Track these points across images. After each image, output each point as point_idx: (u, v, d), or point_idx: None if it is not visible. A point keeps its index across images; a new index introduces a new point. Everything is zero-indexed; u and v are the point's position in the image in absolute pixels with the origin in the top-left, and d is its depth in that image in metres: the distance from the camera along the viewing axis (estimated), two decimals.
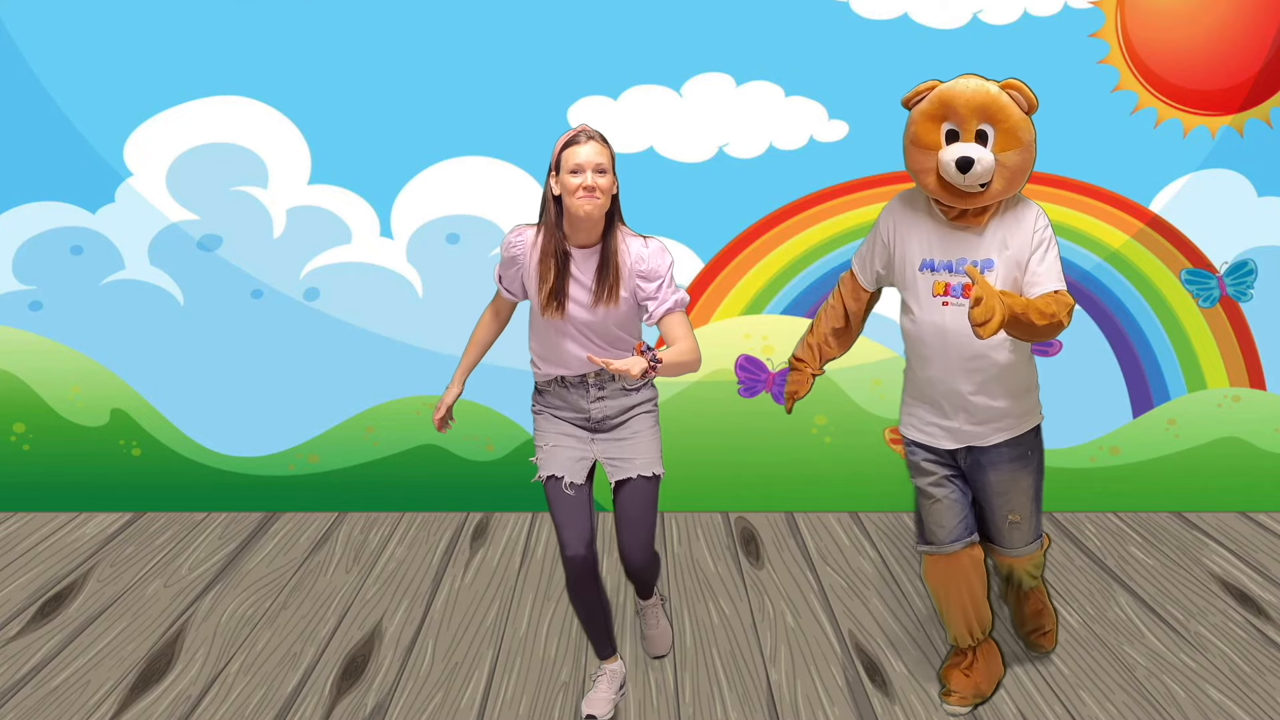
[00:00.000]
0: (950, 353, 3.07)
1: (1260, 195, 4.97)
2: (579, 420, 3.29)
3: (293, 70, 4.85)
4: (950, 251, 3.05)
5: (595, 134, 3.10)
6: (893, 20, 4.84)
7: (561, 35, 4.80)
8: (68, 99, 4.86)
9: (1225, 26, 4.84)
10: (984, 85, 2.94)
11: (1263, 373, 5.06)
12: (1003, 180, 2.96)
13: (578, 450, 3.28)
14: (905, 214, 3.16)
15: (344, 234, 4.97)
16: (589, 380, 3.25)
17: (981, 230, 3.05)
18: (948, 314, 3.04)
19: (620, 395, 3.28)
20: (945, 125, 2.97)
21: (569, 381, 3.27)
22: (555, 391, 3.29)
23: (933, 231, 3.09)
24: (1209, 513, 5.10)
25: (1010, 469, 3.21)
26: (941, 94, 2.97)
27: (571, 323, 3.19)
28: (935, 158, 2.98)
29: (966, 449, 3.21)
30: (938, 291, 3.04)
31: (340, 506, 5.13)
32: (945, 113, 2.97)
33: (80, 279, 4.98)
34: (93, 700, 3.40)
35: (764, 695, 3.45)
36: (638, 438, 3.29)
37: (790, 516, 5.09)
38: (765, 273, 5.02)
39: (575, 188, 3.04)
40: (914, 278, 3.08)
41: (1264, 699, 3.42)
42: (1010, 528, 3.28)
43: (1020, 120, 2.94)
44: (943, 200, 3.03)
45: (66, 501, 5.10)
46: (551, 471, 3.23)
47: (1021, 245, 3.03)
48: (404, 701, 3.41)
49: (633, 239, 3.18)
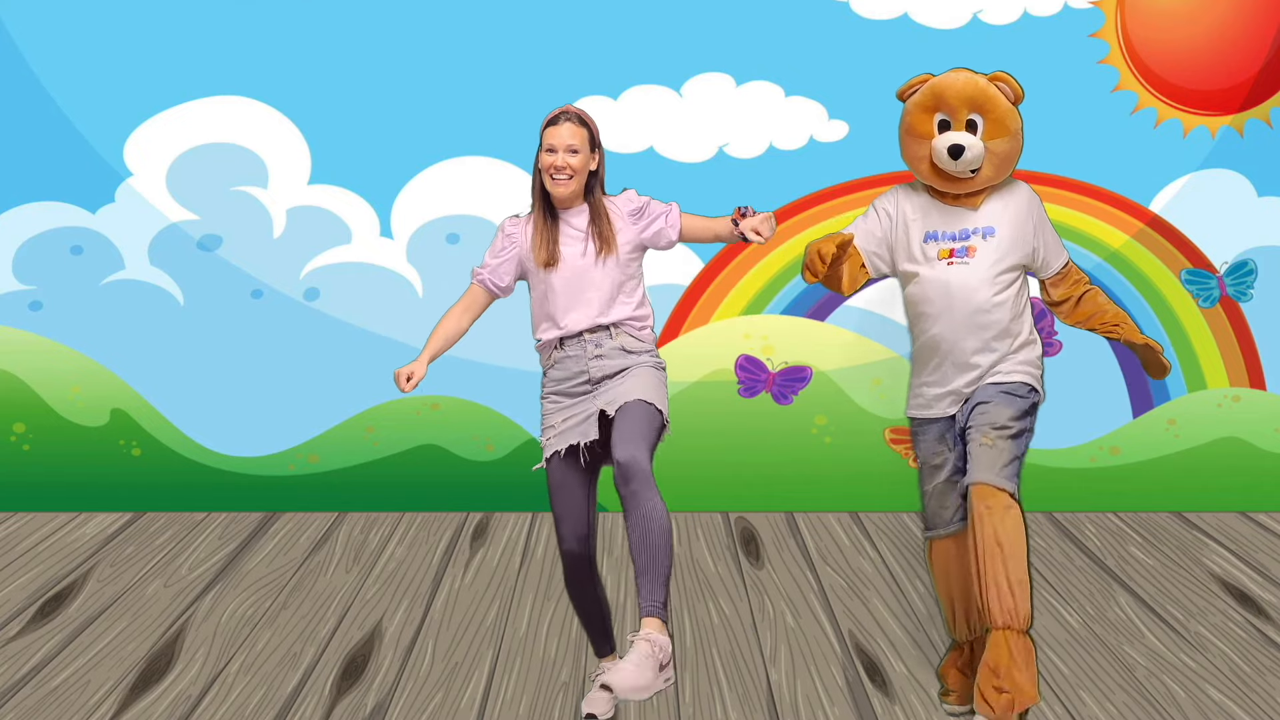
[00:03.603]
0: (955, 309, 3.17)
1: (1260, 195, 4.97)
2: (580, 386, 3.26)
3: (293, 70, 4.84)
4: (952, 224, 3.23)
5: (576, 114, 3.23)
6: (893, 20, 4.84)
7: (561, 35, 4.80)
8: (68, 99, 4.86)
9: (1225, 26, 4.84)
10: (973, 77, 3.16)
11: (1263, 373, 5.06)
12: (992, 166, 3.16)
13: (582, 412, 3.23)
14: (906, 195, 3.32)
15: (344, 234, 4.97)
16: (585, 338, 3.25)
17: (977, 208, 3.24)
18: (952, 272, 3.18)
19: (618, 355, 3.27)
20: (938, 115, 3.17)
21: (568, 343, 3.25)
22: (558, 362, 3.27)
23: (934, 210, 3.26)
24: (1209, 513, 5.10)
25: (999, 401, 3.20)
26: (933, 85, 3.18)
27: (571, 274, 3.23)
28: (929, 146, 3.16)
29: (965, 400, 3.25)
30: (943, 255, 3.20)
31: (340, 506, 5.13)
32: (937, 103, 3.16)
33: (80, 279, 4.97)
34: (93, 700, 3.40)
35: (764, 695, 3.45)
36: (636, 377, 3.25)
37: (790, 516, 5.09)
38: (765, 273, 5.02)
39: (547, 165, 3.20)
40: (919, 249, 3.23)
41: (1264, 699, 3.41)
42: (981, 449, 3.21)
43: (1007, 110, 3.15)
44: (936, 185, 3.21)
45: (66, 501, 5.09)
46: (556, 449, 3.20)
47: (1019, 210, 3.24)
48: (404, 701, 3.41)
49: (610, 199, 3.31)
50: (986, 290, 3.17)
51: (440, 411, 5.07)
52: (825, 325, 5.05)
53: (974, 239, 3.20)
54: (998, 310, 3.19)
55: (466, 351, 5.00)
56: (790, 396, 5.06)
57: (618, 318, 3.29)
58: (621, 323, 3.29)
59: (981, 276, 3.18)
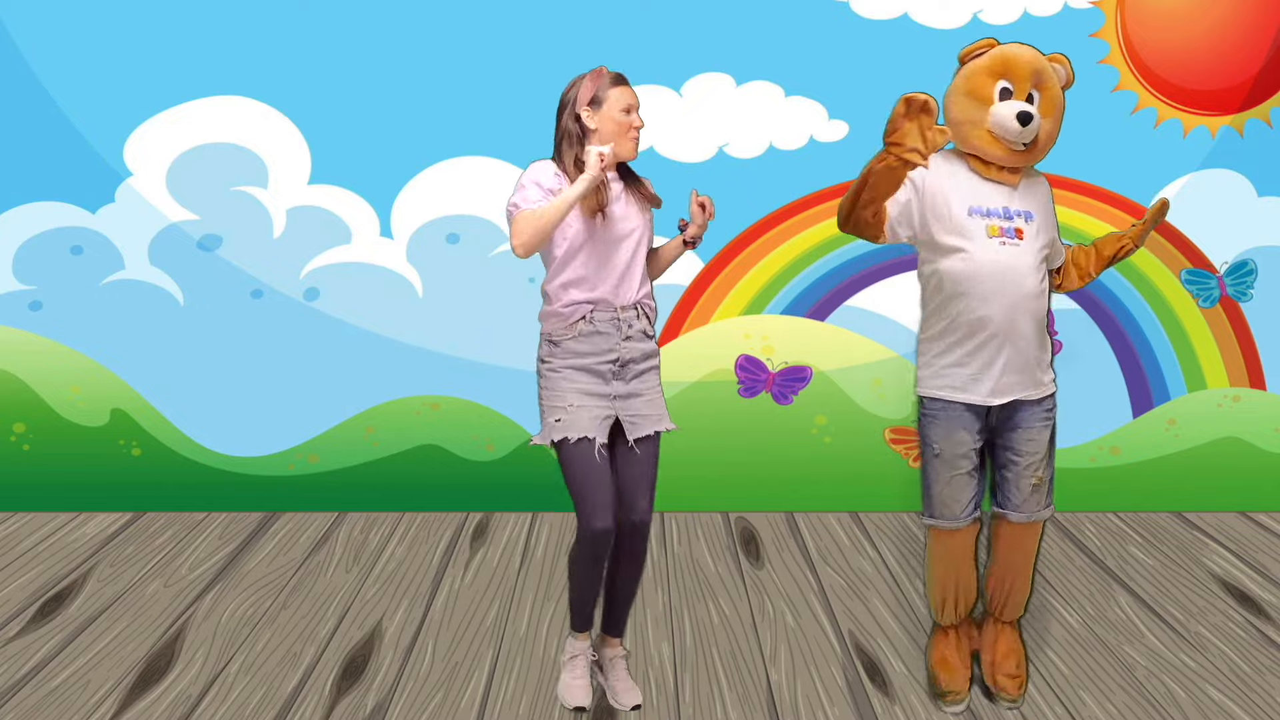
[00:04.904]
0: (1008, 291, 3.10)
1: (1260, 195, 4.97)
2: (602, 365, 3.10)
3: (293, 70, 4.85)
4: (994, 200, 3.15)
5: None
6: (893, 20, 4.85)
7: (562, 35, 4.80)
8: (68, 99, 4.86)
9: (1225, 26, 4.84)
10: (1038, 52, 3.14)
11: (1263, 373, 5.06)
12: (1038, 144, 3.14)
13: (600, 409, 3.10)
14: (941, 165, 3.19)
15: (344, 234, 4.97)
16: (620, 315, 3.11)
17: (1016, 186, 3.18)
18: (1004, 252, 3.10)
19: (642, 339, 3.17)
20: (1001, 83, 3.09)
21: (598, 316, 3.10)
22: (581, 335, 3.09)
23: (975, 182, 3.17)
24: (1209, 513, 5.10)
25: (1039, 428, 3.25)
26: (1003, 52, 3.11)
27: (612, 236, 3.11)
28: (988, 111, 3.09)
29: (1000, 406, 3.20)
30: (994, 233, 3.12)
31: (340, 506, 5.13)
32: (1005, 70, 3.09)
33: (80, 279, 4.98)
34: (93, 700, 3.40)
35: (764, 695, 3.46)
36: (654, 393, 3.21)
37: (790, 516, 5.09)
38: (765, 273, 5.02)
39: (629, 127, 3.13)
40: (963, 221, 3.12)
41: (1264, 699, 3.42)
42: (1033, 491, 3.27)
43: (1059, 91, 3.15)
44: (983, 154, 3.13)
45: (66, 501, 5.09)
46: (582, 433, 3.05)
47: (1045, 198, 3.27)
48: (404, 701, 3.41)
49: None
50: (1034, 277, 3.12)
51: (440, 411, 5.07)
52: (825, 325, 5.05)
53: (1018, 221, 3.13)
54: (1042, 299, 3.16)
55: (466, 351, 5.04)
56: (790, 396, 5.07)
57: (643, 296, 3.19)
58: (644, 303, 3.20)
59: (1029, 262, 3.11)
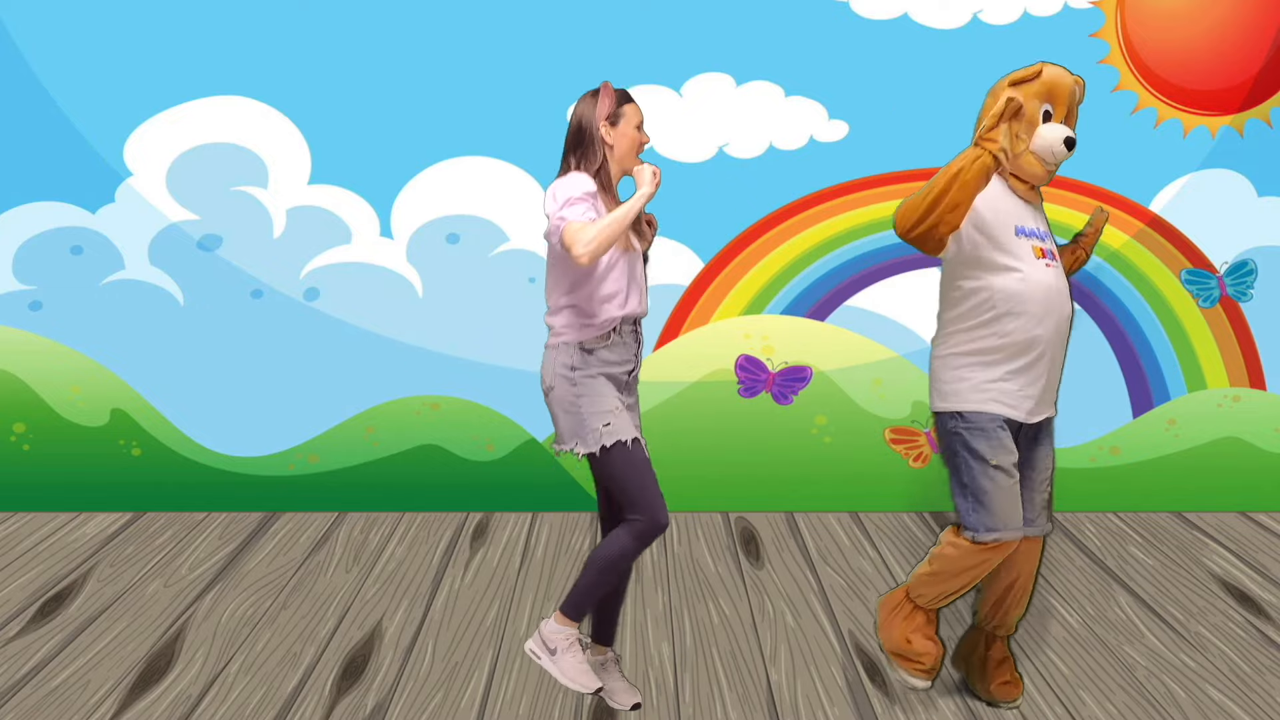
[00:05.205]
0: (1055, 311, 3.15)
1: (1260, 195, 4.97)
2: (624, 374, 3.19)
3: (293, 70, 4.85)
4: (1031, 221, 3.20)
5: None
6: (893, 20, 4.85)
7: (562, 35, 4.80)
8: (68, 99, 4.86)
9: (1225, 26, 4.84)
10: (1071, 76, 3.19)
11: (1263, 373, 5.06)
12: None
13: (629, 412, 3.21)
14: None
15: (344, 234, 4.97)
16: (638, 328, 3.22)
17: (1040, 207, 3.25)
18: (1050, 274, 3.15)
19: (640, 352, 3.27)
20: (1044, 106, 3.14)
21: (624, 328, 3.17)
22: (611, 345, 3.15)
23: (1015, 202, 3.20)
24: (1209, 513, 5.10)
25: (1049, 443, 3.32)
26: (1049, 76, 3.15)
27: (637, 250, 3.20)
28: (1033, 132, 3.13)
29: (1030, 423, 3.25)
30: (1039, 254, 3.16)
31: (340, 506, 5.13)
32: (1049, 94, 3.14)
33: (80, 279, 4.98)
34: (93, 700, 3.40)
35: (764, 695, 3.46)
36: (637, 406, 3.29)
37: (790, 516, 5.09)
38: (765, 273, 5.02)
39: (641, 142, 3.18)
40: (1011, 240, 3.14)
41: (1264, 699, 3.42)
42: (1045, 505, 3.31)
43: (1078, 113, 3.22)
44: (1026, 174, 3.17)
45: (66, 501, 5.09)
46: (633, 435, 3.13)
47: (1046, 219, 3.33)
48: (404, 701, 3.41)
49: None
50: (1070, 300, 3.19)
51: (440, 411, 5.07)
52: (825, 325, 5.06)
53: (1048, 242, 3.20)
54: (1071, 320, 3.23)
55: (466, 351, 5.04)
56: (790, 396, 5.07)
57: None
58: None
59: (1065, 285, 3.19)
